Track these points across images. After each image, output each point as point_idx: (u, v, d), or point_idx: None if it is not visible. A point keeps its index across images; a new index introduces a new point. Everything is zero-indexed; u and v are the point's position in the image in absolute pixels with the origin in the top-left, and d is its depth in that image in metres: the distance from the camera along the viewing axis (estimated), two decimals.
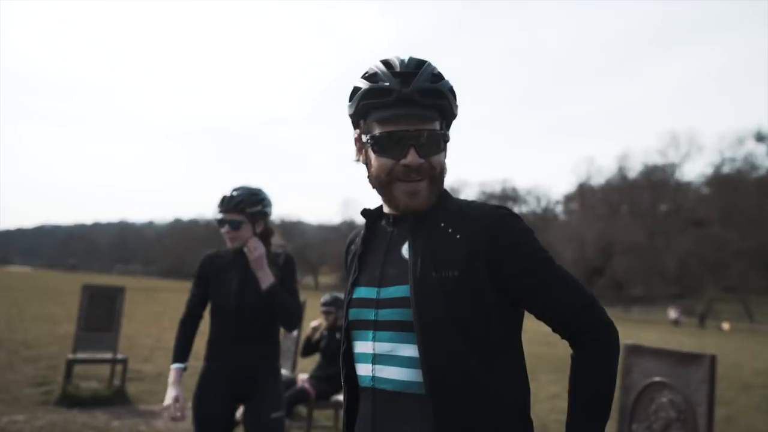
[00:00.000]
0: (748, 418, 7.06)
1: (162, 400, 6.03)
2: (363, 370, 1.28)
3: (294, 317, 2.55)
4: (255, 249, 2.51)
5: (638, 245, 60.28)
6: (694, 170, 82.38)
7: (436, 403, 1.15)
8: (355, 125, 1.32)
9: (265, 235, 2.68)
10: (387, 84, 1.22)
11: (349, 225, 74.72)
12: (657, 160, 65.06)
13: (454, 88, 1.29)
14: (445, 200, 1.30)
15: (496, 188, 73.48)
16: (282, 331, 2.68)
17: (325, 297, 5.11)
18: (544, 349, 13.35)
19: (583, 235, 58.03)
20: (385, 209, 1.34)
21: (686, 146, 67.87)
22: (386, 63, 1.26)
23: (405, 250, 1.27)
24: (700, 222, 60.54)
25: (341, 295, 5.22)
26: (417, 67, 1.25)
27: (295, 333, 6.06)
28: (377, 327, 1.25)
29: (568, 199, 74.96)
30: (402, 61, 1.26)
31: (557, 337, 1.24)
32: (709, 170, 64.58)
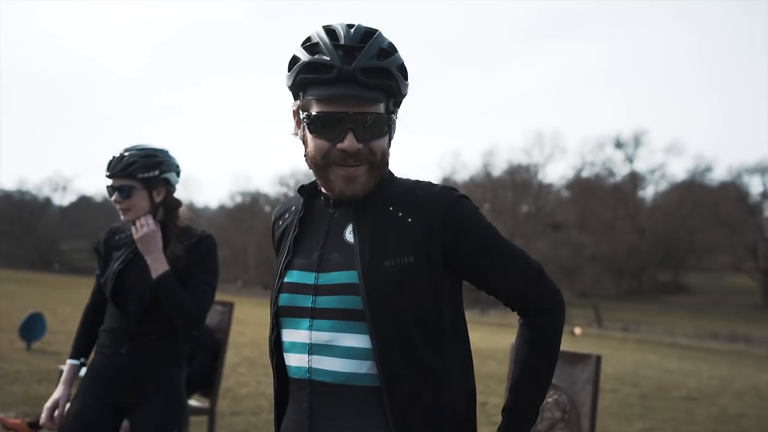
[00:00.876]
0: (601, 421, 7.89)
1: None
2: (296, 360, 1.29)
3: (191, 317, 2.26)
4: (141, 227, 2.28)
5: None
6: (556, 172, 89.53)
7: (390, 396, 1.20)
8: (295, 97, 1.31)
9: (169, 207, 2.39)
10: (327, 59, 1.21)
11: (189, 208, 71.92)
12: (522, 159, 69.80)
13: (405, 64, 1.29)
14: (390, 182, 1.33)
15: None
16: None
17: None
18: None
19: None
20: (323, 188, 1.35)
21: (550, 147, 73.63)
22: (330, 32, 1.25)
23: (349, 234, 1.29)
24: (559, 225, 66.02)
25: None
26: (363, 39, 1.24)
27: None
28: (315, 315, 1.26)
29: None
30: (348, 31, 1.24)
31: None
32: (570, 173, 70.47)
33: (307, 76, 1.23)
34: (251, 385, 7.84)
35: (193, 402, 4.82)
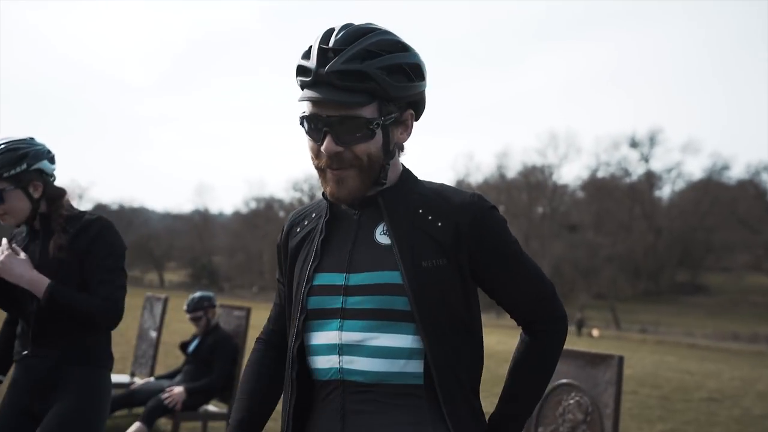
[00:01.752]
0: (622, 423, 7.80)
1: None
2: (324, 362, 1.30)
3: (103, 315, 2.12)
4: None
5: None
6: (571, 172, 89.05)
7: (443, 391, 1.24)
8: None
9: (51, 198, 2.20)
10: (307, 62, 1.24)
11: (203, 214, 72.31)
12: (536, 160, 69.48)
13: (405, 63, 1.25)
14: (415, 184, 1.35)
15: None
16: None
17: (189, 300, 4.90)
18: None
19: None
20: None
21: (564, 147, 73.33)
22: (327, 33, 1.27)
23: (379, 235, 1.31)
24: (574, 226, 65.68)
25: (208, 294, 5.07)
26: (350, 41, 1.23)
27: (153, 334, 5.82)
28: (345, 315, 1.27)
29: None
30: (339, 33, 1.25)
31: None
32: (585, 173, 70.08)
33: (299, 78, 1.28)
34: None
35: (211, 407, 4.83)
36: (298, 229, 1.43)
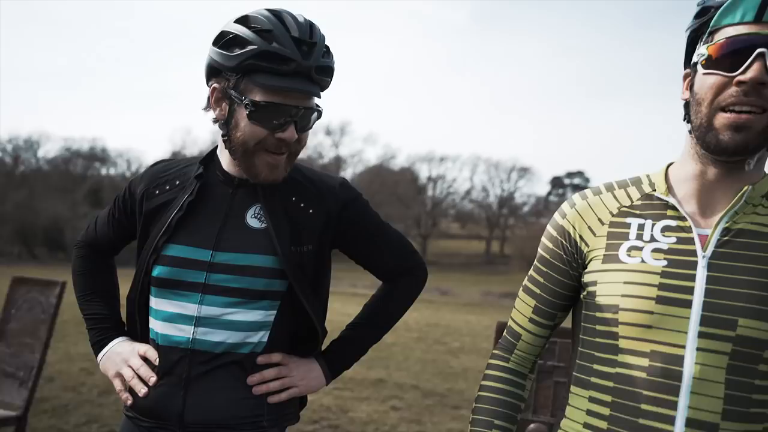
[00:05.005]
0: None
1: None
2: (173, 330, 1.16)
3: None
4: None
5: None
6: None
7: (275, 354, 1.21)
8: (217, 74, 1.13)
9: None
10: (288, 51, 1.06)
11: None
12: None
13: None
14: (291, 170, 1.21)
15: (84, 146, 63.71)
16: None
17: None
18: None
19: None
20: (227, 167, 1.21)
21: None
22: (280, 18, 1.09)
23: (251, 219, 1.19)
24: None
25: None
26: (312, 34, 1.11)
27: None
28: (207, 290, 1.15)
29: None
30: (299, 24, 1.10)
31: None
32: None
33: (260, 63, 1.07)
34: None
35: None
36: (157, 192, 1.23)
